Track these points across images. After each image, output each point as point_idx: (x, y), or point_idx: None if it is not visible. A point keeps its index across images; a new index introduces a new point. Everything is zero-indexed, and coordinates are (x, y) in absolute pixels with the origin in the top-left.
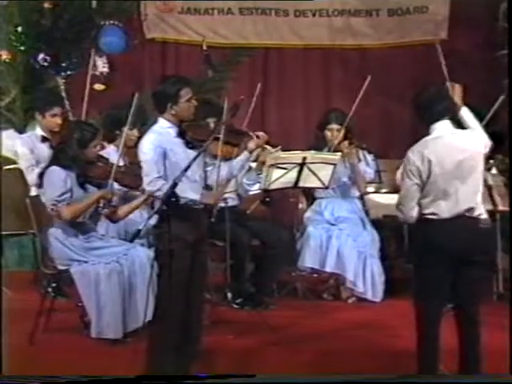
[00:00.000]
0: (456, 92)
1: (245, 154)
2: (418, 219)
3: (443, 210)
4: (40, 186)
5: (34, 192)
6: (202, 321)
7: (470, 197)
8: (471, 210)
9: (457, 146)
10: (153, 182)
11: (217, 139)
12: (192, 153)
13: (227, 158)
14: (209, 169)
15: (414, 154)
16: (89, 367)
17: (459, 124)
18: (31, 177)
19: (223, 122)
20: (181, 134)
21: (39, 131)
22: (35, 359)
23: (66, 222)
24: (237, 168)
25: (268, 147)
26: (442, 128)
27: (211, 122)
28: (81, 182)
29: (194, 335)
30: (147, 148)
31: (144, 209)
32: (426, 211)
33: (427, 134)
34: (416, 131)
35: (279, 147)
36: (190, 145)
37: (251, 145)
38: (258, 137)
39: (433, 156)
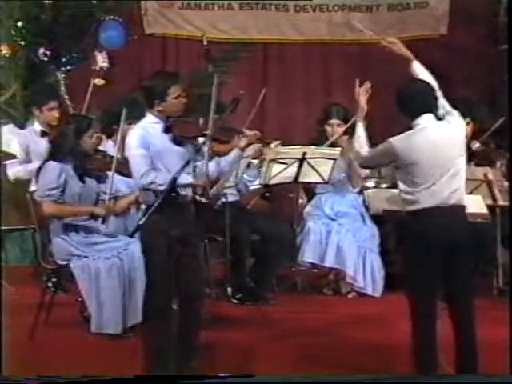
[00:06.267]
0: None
1: (235, 152)
2: (404, 212)
3: (424, 200)
4: (37, 180)
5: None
6: (197, 315)
7: (452, 187)
8: (451, 201)
9: (439, 136)
10: (145, 174)
11: (205, 136)
12: (179, 149)
13: (220, 155)
14: (198, 164)
15: (396, 142)
16: (88, 362)
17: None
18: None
19: (212, 118)
20: (167, 130)
21: (37, 126)
22: (35, 354)
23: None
24: (227, 164)
25: (263, 142)
26: (425, 121)
27: (201, 118)
28: (79, 174)
29: (190, 330)
30: (134, 143)
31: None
32: (408, 198)
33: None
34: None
35: (279, 142)
36: (176, 141)
37: (242, 142)
38: (247, 134)
39: (416, 146)
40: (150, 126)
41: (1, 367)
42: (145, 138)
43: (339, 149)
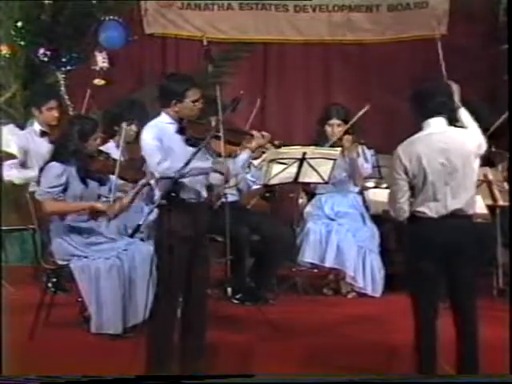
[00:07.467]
0: (454, 91)
1: (247, 153)
2: (409, 216)
3: (432, 208)
4: (39, 181)
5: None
6: (205, 317)
7: (460, 196)
8: (460, 209)
9: (447, 144)
10: (161, 162)
11: (218, 137)
12: (191, 150)
13: (229, 157)
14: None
15: (402, 152)
16: (88, 362)
17: (456, 122)
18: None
19: (221, 119)
20: (181, 131)
21: (37, 126)
22: (35, 354)
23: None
24: (239, 166)
25: (272, 144)
26: (435, 125)
27: (213, 120)
28: (81, 176)
29: (196, 331)
30: (149, 138)
31: (144, 203)
32: (415, 208)
33: (420, 130)
34: (417, 126)
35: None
36: (189, 142)
37: (253, 144)
38: (262, 136)
39: (421, 154)
40: (163, 126)
41: (1, 367)
42: (159, 134)
43: (339, 149)
